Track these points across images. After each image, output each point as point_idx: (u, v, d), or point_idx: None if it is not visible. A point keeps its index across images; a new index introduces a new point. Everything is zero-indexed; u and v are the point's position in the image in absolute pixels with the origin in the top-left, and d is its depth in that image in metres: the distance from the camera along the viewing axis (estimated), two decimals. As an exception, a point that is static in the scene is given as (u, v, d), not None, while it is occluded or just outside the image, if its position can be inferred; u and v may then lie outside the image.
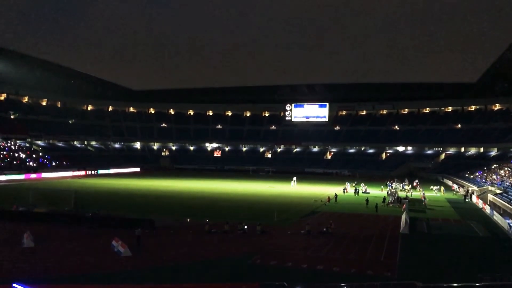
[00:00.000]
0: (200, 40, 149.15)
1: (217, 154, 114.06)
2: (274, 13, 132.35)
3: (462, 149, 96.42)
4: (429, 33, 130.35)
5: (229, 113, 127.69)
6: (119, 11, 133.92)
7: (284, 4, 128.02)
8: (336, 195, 48.30)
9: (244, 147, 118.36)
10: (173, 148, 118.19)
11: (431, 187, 60.88)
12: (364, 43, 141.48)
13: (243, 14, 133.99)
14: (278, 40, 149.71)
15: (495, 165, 68.08)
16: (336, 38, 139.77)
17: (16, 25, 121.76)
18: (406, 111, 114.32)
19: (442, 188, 59.63)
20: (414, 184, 65.71)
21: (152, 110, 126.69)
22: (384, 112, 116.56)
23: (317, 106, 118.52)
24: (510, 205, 38.75)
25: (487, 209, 41.10)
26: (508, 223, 31.30)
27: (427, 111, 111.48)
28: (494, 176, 58.99)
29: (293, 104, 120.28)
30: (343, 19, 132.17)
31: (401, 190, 57.96)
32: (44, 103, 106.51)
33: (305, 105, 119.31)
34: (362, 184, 60.86)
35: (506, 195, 43.46)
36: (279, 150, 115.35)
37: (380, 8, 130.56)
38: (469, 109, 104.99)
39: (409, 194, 53.55)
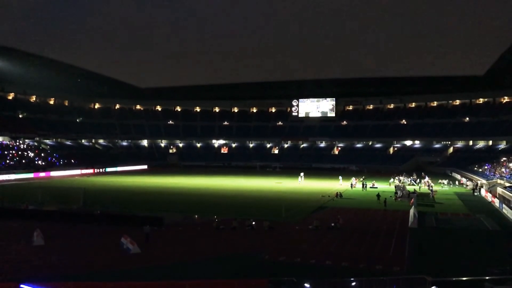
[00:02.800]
0: (206, 38, 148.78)
1: (224, 150, 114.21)
2: (279, 10, 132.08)
3: (471, 143, 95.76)
4: (436, 25, 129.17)
5: (236, 110, 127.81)
6: (126, 9, 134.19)
7: (289, 0, 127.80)
8: (340, 193, 47.58)
9: (251, 143, 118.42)
10: (180, 145, 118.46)
11: (425, 180, 59.82)
12: (369, 37, 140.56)
13: (248, 11, 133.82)
14: (284, 35, 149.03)
15: (504, 158, 67.49)
16: (342, 33, 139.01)
17: (22, 24, 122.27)
18: (413, 105, 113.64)
19: (430, 180, 58.59)
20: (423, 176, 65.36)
21: (159, 108, 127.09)
22: (391, 106, 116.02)
23: (324, 101, 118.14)
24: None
25: (496, 202, 40.84)
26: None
27: (435, 104, 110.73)
28: (503, 169, 58.53)
29: (299, 100, 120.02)
30: (348, 12, 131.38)
31: (409, 184, 57.68)
32: (51, 102, 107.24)
33: (312, 100, 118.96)
34: (353, 178, 59.67)
35: (515, 188, 43.05)
36: (286, 146, 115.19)
37: (386, 1, 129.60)
38: (477, 102, 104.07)
39: (417, 188, 53.29)
